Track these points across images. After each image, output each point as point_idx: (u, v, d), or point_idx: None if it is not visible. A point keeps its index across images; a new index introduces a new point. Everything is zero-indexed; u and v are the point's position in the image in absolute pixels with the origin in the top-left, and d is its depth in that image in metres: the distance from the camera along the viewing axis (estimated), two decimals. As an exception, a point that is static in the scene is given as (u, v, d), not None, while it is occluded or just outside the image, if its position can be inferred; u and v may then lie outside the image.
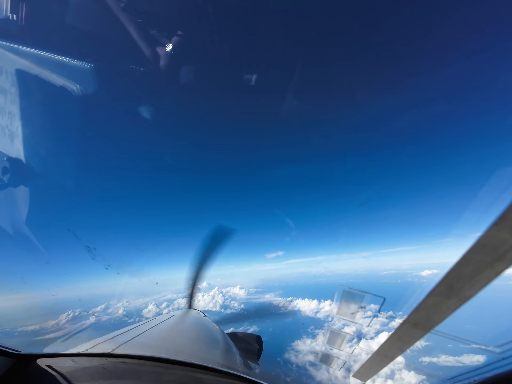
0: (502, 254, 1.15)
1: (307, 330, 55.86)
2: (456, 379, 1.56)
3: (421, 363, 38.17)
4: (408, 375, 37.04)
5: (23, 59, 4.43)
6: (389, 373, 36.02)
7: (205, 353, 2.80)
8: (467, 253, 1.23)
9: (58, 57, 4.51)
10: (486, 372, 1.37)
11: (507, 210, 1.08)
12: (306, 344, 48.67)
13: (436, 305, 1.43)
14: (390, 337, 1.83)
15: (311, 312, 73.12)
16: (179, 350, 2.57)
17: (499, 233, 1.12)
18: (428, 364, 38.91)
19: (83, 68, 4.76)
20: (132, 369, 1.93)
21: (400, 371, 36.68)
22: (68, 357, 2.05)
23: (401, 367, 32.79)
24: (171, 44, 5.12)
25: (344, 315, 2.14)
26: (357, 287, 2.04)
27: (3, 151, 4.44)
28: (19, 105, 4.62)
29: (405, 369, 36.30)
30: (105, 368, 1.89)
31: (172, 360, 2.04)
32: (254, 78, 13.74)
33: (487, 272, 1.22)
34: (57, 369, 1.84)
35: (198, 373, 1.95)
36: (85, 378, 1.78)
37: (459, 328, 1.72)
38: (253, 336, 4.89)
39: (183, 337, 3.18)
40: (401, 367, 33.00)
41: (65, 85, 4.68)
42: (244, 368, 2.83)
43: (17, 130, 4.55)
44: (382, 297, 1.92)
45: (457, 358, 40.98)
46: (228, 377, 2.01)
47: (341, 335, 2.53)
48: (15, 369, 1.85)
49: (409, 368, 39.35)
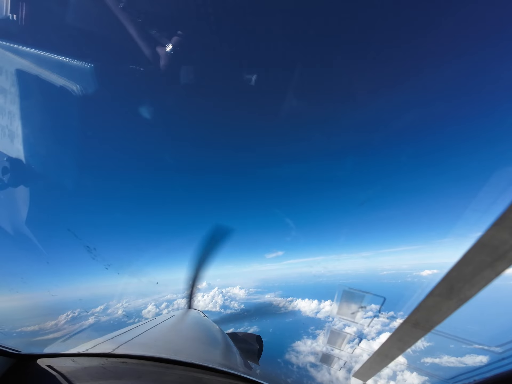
0: (502, 254, 1.15)
1: (308, 330, 55.84)
2: (456, 379, 1.56)
3: (421, 363, 38.17)
4: (408, 376, 37.05)
5: (23, 59, 4.43)
6: (390, 374, 36.01)
7: (205, 353, 2.80)
8: (467, 253, 1.24)
9: (58, 57, 4.51)
10: (486, 372, 1.37)
11: (507, 210, 1.08)
12: (306, 345, 48.60)
13: (436, 305, 1.43)
14: (391, 337, 1.83)
15: (312, 312, 73.11)
16: (179, 350, 2.57)
17: (499, 233, 1.12)
18: (428, 364, 38.90)
19: (83, 68, 4.76)
20: (132, 369, 1.93)
21: (401, 371, 36.67)
22: (68, 357, 2.05)
23: (402, 367, 32.80)
24: (171, 44, 5.11)
25: (344, 315, 2.14)
26: (357, 287, 2.04)
27: (3, 151, 4.44)
28: (19, 105, 4.61)
29: (405, 369, 36.31)
30: (105, 368, 1.89)
31: (172, 360, 2.04)
32: (254, 78, 13.73)
33: (487, 272, 1.22)
34: (57, 369, 1.84)
35: (198, 373, 1.95)
36: (85, 378, 1.77)
37: (459, 328, 1.72)
38: (253, 336, 4.89)
39: (183, 337, 3.18)
40: (401, 367, 33.00)
41: (65, 85, 4.68)
42: (244, 368, 2.83)
43: (17, 130, 4.55)
44: (382, 297, 1.92)
45: (457, 358, 40.97)
46: (228, 377, 2.01)
47: (342, 335, 2.53)
48: (15, 369, 1.85)
49: (409, 369, 39.35)
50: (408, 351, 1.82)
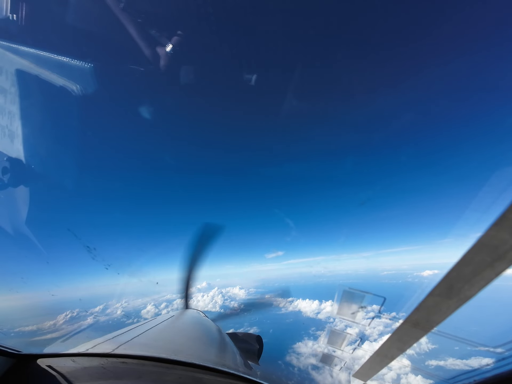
0: (502, 254, 1.15)
1: (308, 331, 55.62)
2: (456, 379, 1.56)
3: (420, 363, 38.17)
4: (408, 376, 37.03)
5: (23, 59, 4.42)
6: (391, 374, 35.90)
7: (205, 353, 2.79)
8: (467, 253, 1.23)
9: (58, 57, 4.51)
10: (486, 372, 1.37)
11: (507, 210, 1.08)
12: (307, 346, 48.35)
13: (436, 305, 1.42)
14: (390, 337, 1.83)
15: (312, 313, 72.97)
16: (179, 350, 2.57)
17: (499, 233, 1.12)
18: (428, 365, 38.88)
19: (83, 68, 4.76)
20: (132, 369, 1.93)
21: (404, 374, 36.54)
22: (68, 357, 2.05)
23: (402, 367, 32.77)
24: (171, 44, 5.11)
25: (344, 315, 2.15)
26: (358, 288, 2.04)
27: (3, 151, 4.43)
28: (19, 105, 4.61)
29: (406, 370, 36.25)
30: (105, 368, 1.89)
31: (172, 360, 2.04)
32: (254, 78, 13.74)
33: (487, 272, 1.22)
34: (57, 369, 1.84)
35: (198, 373, 1.95)
36: (85, 378, 1.77)
37: (459, 328, 1.72)
38: (253, 336, 4.88)
39: (183, 337, 3.18)
40: (402, 367, 32.97)
41: (65, 85, 4.68)
42: (244, 368, 2.84)
43: (17, 130, 4.55)
44: (383, 297, 1.92)
45: (456, 358, 40.97)
46: (228, 377, 2.01)
47: (342, 335, 2.53)
48: (15, 369, 1.85)
49: (408, 369, 39.32)
50: (408, 351, 1.81)
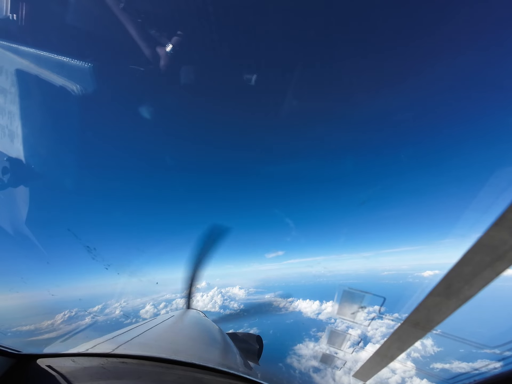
0: (502, 254, 1.15)
1: (309, 332, 55.33)
2: (456, 379, 1.56)
3: (420, 363, 38.12)
4: (408, 376, 37.00)
5: (23, 59, 4.43)
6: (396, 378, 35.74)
7: (205, 353, 2.79)
8: (467, 253, 1.23)
9: (58, 57, 4.51)
10: (486, 372, 1.37)
11: (507, 210, 1.08)
12: (308, 347, 48.04)
13: (436, 305, 1.42)
14: (390, 337, 1.83)
15: (312, 313, 72.74)
16: (179, 350, 2.57)
17: (499, 233, 1.12)
18: (428, 364, 38.85)
19: (83, 68, 4.76)
20: (132, 369, 1.93)
21: (405, 375, 36.43)
22: (68, 357, 2.05)
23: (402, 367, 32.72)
24: (171, 44, 5.12)
25: (344, 315, 2.14)
26: (358, 288, 2.04)
27: (3, 151, 4.44)
28: (19, 105, 4.61)
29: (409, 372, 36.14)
30: (105, 368, 1.89)
31: (172, 360, 2.04)
32: (254, 78, 13.76)
33: (487, 272, 1.22)
34: (57, 369, 1.84)
35: (198, 373, 1.95)
36: (85, 378, 1.77)
37: (459, 328, 1.72)
38: (253, 336, 4.88)
39: (183, 337, 3.18)
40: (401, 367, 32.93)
41: (65, 85, 4.68)
42: (244, 368, 2.83)
43: (17, 130, 4.55)
44: (382, 297, 1.92)
45: (456, 358, 40.95)
46: (228, 377, 2.01)
47: (342, 336, 2.53)
48: (15, 369, 1.85)
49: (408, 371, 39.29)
50: (413, 355, 1.81)
